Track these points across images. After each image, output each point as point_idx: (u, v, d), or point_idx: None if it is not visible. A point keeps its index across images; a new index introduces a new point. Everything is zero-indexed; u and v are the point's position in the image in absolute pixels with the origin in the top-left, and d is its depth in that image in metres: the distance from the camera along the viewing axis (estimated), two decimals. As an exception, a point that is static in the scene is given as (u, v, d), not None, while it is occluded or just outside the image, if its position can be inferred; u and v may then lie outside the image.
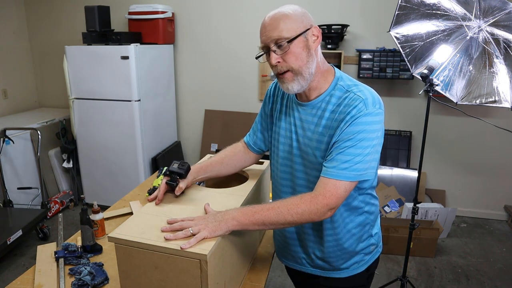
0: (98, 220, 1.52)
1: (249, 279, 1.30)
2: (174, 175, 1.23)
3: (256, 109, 3.73)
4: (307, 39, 1.06)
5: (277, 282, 2.55)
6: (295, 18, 1.05)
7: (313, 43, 1.07)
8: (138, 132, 3.28)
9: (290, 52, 1.04)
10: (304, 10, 1.09)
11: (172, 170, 1.23)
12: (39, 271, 1.33)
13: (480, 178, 3.42)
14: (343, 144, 1.03)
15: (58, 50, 3.97)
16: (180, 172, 1.22)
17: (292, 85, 1.08)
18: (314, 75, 1.09)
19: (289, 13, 1.05)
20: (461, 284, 2.55)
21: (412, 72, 2.07)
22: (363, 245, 1.22)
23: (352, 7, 3.30)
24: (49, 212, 3.36)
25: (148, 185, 2.08)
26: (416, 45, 2.01)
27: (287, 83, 1.08)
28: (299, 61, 1.05)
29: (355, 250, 1.21)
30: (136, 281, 1.03)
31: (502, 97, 1.94)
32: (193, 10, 3.66)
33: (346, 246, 1.19)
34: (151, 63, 3.36)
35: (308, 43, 1.06)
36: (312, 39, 1.07)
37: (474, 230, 3.27)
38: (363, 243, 1.22)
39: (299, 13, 1.06)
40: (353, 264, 1.22)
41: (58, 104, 4.23)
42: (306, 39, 1.06)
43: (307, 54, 1.06)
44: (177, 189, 1.21)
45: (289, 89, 1.09)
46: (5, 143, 3.11)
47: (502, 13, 1.97)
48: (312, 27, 1.07)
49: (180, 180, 1.23)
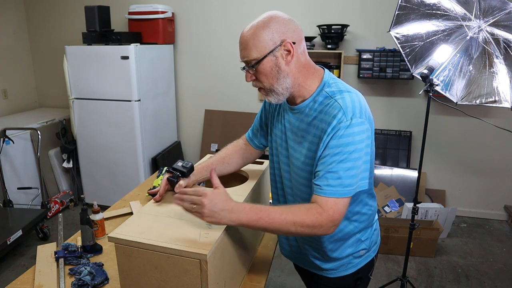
0: (98, 220, 1.52)
1: (249, 279, 1.30)
2: (177, 172, 1.23)
3: (256, 109, 3.73)
4: (276, 57, 1.03)
5: (277, 282, 2.55)
6: (264, 36, 1.01)
7: (284, 59, 1.04)
8: (138, 132, 3.28)
9: (259, 72, 1.05)
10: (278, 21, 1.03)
11: (175, 167, 1.24)
12: (39, 271, 1.33)
13: (480, 178, 3.42)
14: (330, 159, 1.00)
15: (58, 50, 3.98)
16: (182, 171, 1.23)
17: (269, 98, 1.11)
18: (293, 86, 1.08)
19: (257, 31, 1.02)
20: (461, 284, 2.55)
21: (412, 72, 2.07)
22: (351, 250, 1.21)
23: (352, 7, 3.30)
24: (49, 212, 3.36)
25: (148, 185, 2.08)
26: (416, 45, 2.01)
27: (265, 96, 1.12)
28: (270, 79, 1.06)
29: (341, 255, 1.20)
30: (136, 281, 1.03)
31: (502, 97, 1.94)
32: (193, 10, 3.66)
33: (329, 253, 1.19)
34: (151, 63, 3.36)
35: (278, 61, 1.03)
36: (283, 55, 1.03)
37: (474, 230, 3.27)
38: (351, 248, 1.21)
39: (269, 26, 1.02)
40: (340, 267, 1.22)
41: (58, 104, 4.24)
42: (275, 57, 1.03)
43: (277, 71, 1.04)
44: (177, 186, 1.21)
45: (269, 100, 1.12)
46: (5, 143, 3.11)
47: (502, 13, 1.97)
48: (283, 43, 1.02)
49: (181, 178, 1.23)
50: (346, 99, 1.02)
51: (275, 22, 1.03)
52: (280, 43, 1.02)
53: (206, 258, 0.93)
